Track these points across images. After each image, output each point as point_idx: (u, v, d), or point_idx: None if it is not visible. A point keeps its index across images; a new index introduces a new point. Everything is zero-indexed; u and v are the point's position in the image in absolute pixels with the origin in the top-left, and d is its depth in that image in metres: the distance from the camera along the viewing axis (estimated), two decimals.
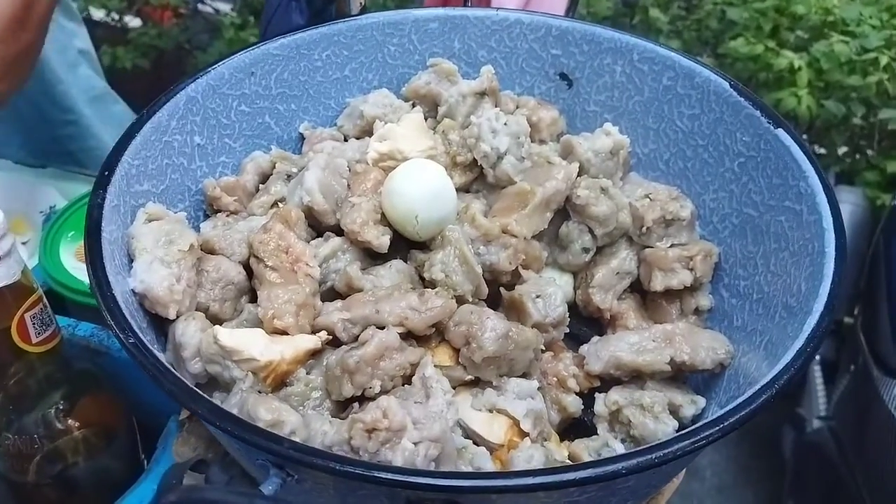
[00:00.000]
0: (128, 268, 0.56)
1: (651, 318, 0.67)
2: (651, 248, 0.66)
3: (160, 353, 0.53)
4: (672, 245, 0.65)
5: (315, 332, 0.57)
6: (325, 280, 0.61)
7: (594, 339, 0.62)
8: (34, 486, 0.60)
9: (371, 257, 0.63)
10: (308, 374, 0.55)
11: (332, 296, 0.61)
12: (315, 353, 0.56)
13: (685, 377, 0.61)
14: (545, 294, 0.60)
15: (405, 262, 0.63)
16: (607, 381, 0.60)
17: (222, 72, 0.69)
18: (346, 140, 0.74)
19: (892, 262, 1.39)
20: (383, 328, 0.55)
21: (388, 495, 0.44)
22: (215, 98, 0.69)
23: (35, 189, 0.97)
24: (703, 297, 0.66)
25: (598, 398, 0.59)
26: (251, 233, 0.61)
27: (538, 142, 0.72)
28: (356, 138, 0.74)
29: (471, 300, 0.59)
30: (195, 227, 0.65)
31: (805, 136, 1.91)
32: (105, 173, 0.58)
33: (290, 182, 0.68)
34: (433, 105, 0.74)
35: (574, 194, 0.65)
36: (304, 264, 0.59)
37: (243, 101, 0.71)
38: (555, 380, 0.60)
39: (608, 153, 0.68)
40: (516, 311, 0.61)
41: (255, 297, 0.59)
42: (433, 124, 0.73)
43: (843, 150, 1.95)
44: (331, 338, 0.56)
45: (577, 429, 0.60)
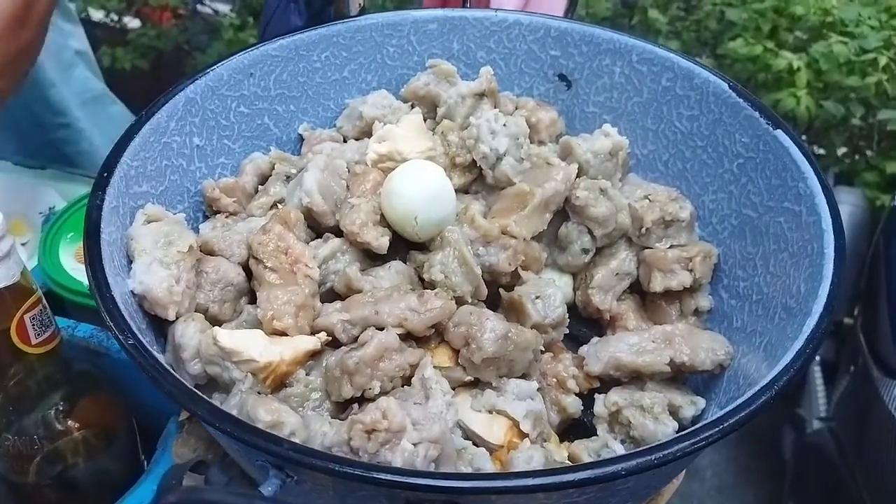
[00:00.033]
0: (127, 269, 0.56)
1: (650, 319, 0.67)
2: (650, 249, 0.66)
3: (159, 354, 0.52)
4: (671, 246, 0.65)
5: (314, 333, 0.57)
6: (324, 281, 0.61)
7: (594, 339, 0.62)
8: (34, 486, 0.60)
9: (370, 258, 0.63)
10: (307, 375, 0.55)
11: (331, 297, 0.61)
12: (314, 355, 0.56)
13: (685, 378, 0.61)
14: (544, 295, 0.60)
15: (404, 263, 0.63)
16: (607, 382, 0.60)
17: (221, 73, 0.69)
18: (345, 141, 0.74)
19: (892, 263, 1.39)
20: (383, 329, 0.55)
21: (387, 496, 0.44)
22: (214, 99, 0.69)
23: (34, 190, 0.97)
24: (703, 299, 0.66)
25: (598, 399, 0.59)
26: (250, 234, 0.61)
27: (537, 143, 0.72)
28: (355, 139, 0.74)
29: (470, 301, 0.59)
30: (194, 228, 0.65)
31: (804, 137, 1.91)
32: (104, 174, 0.58)
33: (289, 183, 0.68)
34: (432, 106, 0.74)
35: (573, 195, 0.65)
36: (303, 265, 0.59)
37: (242, 102, 0.71)
38: (554, 381, 0.60)
39: (607, 154, 0.68)
40: (516, 312, 0.61)
41: (254, 299, 0.59)
42: (432, 125, 0.73)
43: (842, 150, 1.95)
44: (330, 339, 0.56)
45: (577, 430, 0.60)
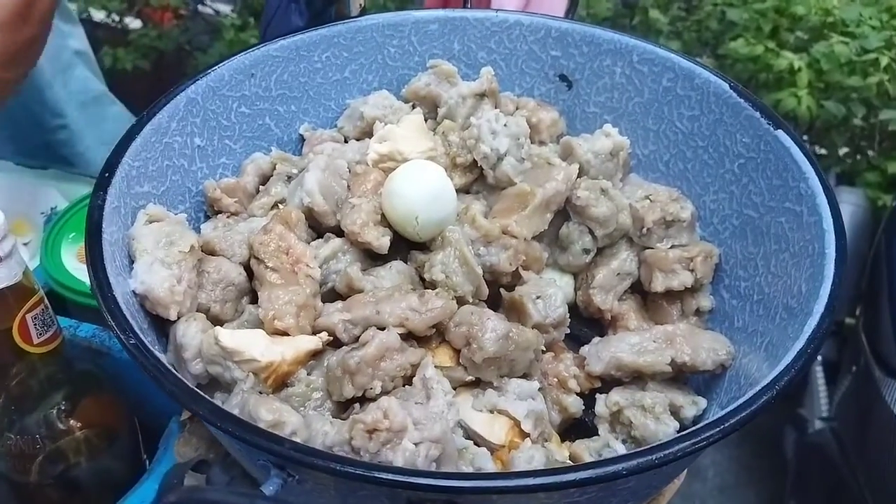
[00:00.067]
0: (128, 269, 0.56)
1: (652, 319, 0.67)
2: (651, 249, 0.66)
3: (161, 354, 0.53)
4: (672, 246, 0.65)
5: (316, 332, 0.57)
6: (325, 281, 0.61)
7: (595, 339, 0.62)
8: (36, 486, 0.60)
9: (371, 258, 0.63)
10: (309, 374, 0.55)
11: (332, 297, 0.61)
12: (316, 354, 0.56)
13: (686, 378, 0.61)
14: (545, 295, 0.60)
15: (405, 263, 0.63)
16: (608, 382, 0.60)
17: (222, 73, 0.69)
18: (346, 141, 0.74)
19: (894, 263, 1.39)
20: (384, 329, 0.55)
21: (388, 496, 0.44)
22: (215, 99, 0.69)
23: (36, 190, 0.97)
24: (704, 299, 0.66)
25: (599, 399, 0.59)
26: (252, 234, 0.61)
27: (538, 143, 0.72)
28: (356, 140, 0.74)
29: (471, 301, 0.59)
30: (196, 228, 0.65)
31: (805, 137, 1.91)
32: (105, 175, 0.58)
33: (290, 183, 0.68)
34: (433, 106, 0.74)
35: (574, 195, 0.65)
36: (304, 265, 0.59)
37: (243, 102, 0.71)
38: (555, 380, 0.60)
39: (608, 154, 0.68)
40: (517, 312, 0.61)
41: (255, 299, 0.59)
42: (433, 125, 0.73)
43: (843, 150, 1.95)
44: (331, 339, 0.56)
45: (578, 429, 0.60)
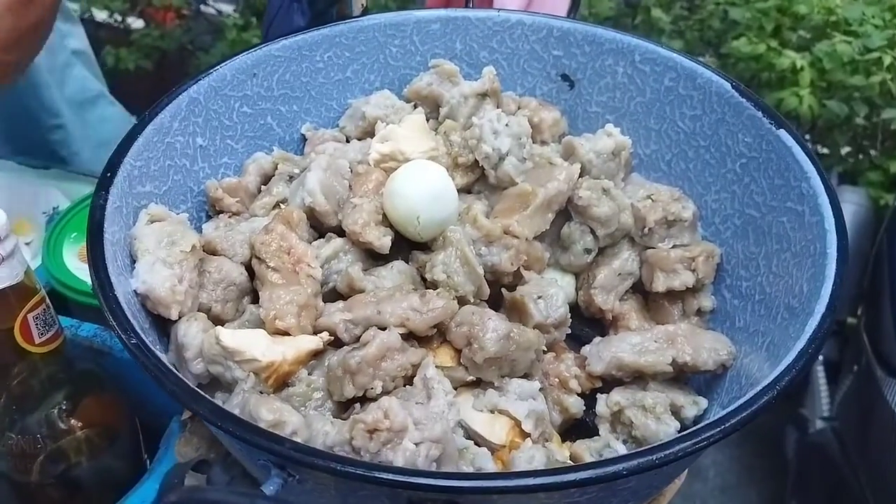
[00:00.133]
0: (130, 269, 0.56)
1: (653, 318, 0.67)
2: (653, 248, 0.66)
3: (162, 353, 0.53)
4: (674, 246, 0.65)
5: (317, 332, 0.57)
6: (326, 281, 0.61)
7: (596, 339, 0.62)
8: (37, 485, 0.60)
9: (373, 258, 0.63)
10: (310, 374, 0.55)
11: (333, 297, 0.61)
12: (317, 354, 0.56)
13: (687, 378, 0.61)
14: (547, 295, 0.60)
15: (407, 262, 0.63)
16: (609, 382, 0.60)
17: (224, 73, 0.69)
18: (347, 141, 0.74)
19: None
20: (385, 329, 0.55)
21: (389, 496, 0.44)
22: (217, 99, 0.69)
23: (38, 190, 0.97)
24: (705, 298, 0.66)
25: (600, 399, 0.59)
26: (253, 234, 0.61)
27: (540, 143, 0.72)
28: (358, 139, 0.74)
29: (472, 301, 0.59)
30: (197, 228, 0.65)
31: (807, 137, 1.91)
32: (107, 174, 0.58)
33: (291, 183, 0.68)
34: (435, 106, 0.74)
35: (576, 195, 0.65)
36: (305, 265, 0.59)
37: (245, 102, 0.71)
38: (556, 380, 0.60)
39: (610, 154, 0.68)
40: (518, 312, 0.61)
41: (257, 298, 0.59)
42: (435, 125, 0.73)
43: (845, 150, 1.94)
44: (332, 338, 0.56)
45: (579, 429, 0.60)
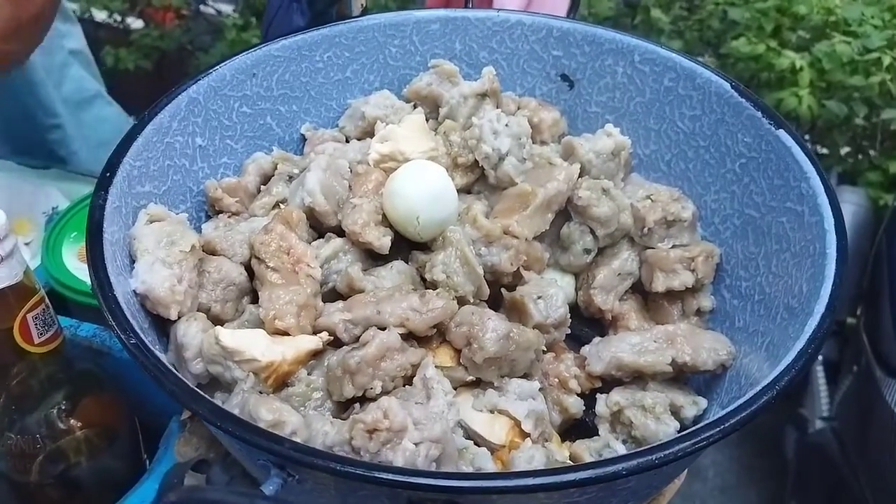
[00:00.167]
0: (129, 269, 0.56)
1: (653, 319, 0.67)
2: (652, 249, 0.66)
3: (162, 353, 0.53)
4: (673, 246, 0.65)
5: (316, 332, 0.57)
6: (326, 281, 0.61)
7: (595, 339, 0.62)
8: (37, 485, 0.60)
9: (372, 258, 0.63)
10: (309, 374, 0.55)
11: (333, 297, 0.61)
12: (316, 354, 0.56)
13: (687, 378, 0.61)
14: (546, 295, 0.60)
15: (406, 263, 0.63)
16: (609, 382, 0.60)
17: (224, 73, 0.69)
18: (347, 141, 0.74)
19: (895, 263, 1.39)
20: (384, 329, 0.55)
21: (388, 496, 0.44)
22: (217, 99, 0.69)
23: (38, 190, 0.97)
24: (705, 298, 0.66)
25: (600, 399, 0.59)
26: (252, 234, 0.61)
27: (539, 143, 0.72)
28: (357, 139, 0.74)
29: (472, 301, 0.59)
30: (197, 228, 0.65)
31: (807, 137, 1.91)
32: (107, 174, 0.58)
33: (291, 183, 0.68)
34: (434, 106, 0.74)
35: (575, 195, 0.65)
36: (305, 265, 0.59)
37: (245, 102, 0.71)
38: (556, 380, 0.60)
39: (609, 154, 0.68)
40: (517, 312, 0.61)
41: (256, 298, 0.59)
42: (434, 125, 0.73)
43: (845, 150, 1.94)
44: (332, 338, 0.56)
45: (579, 429, 0.60)
